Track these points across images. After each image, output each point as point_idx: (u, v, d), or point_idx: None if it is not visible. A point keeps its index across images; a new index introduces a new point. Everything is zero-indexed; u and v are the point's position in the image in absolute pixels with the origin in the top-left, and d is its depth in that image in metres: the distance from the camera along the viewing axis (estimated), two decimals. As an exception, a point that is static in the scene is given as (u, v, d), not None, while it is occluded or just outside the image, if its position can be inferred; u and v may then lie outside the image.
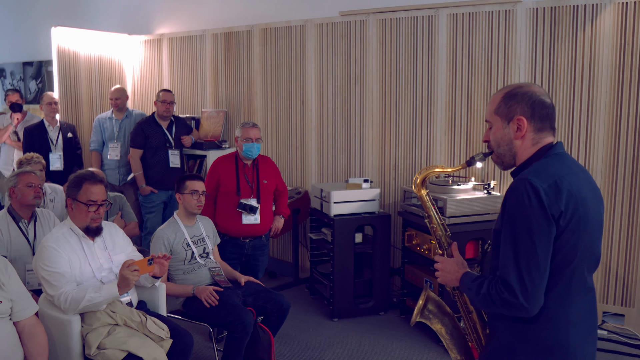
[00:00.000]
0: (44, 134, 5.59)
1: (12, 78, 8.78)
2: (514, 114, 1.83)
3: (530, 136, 1.83)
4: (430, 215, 2.13)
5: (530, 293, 1.66)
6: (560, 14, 4.26)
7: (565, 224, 1.68)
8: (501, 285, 1.70)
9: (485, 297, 1.74)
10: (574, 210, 1.69)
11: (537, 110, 1.82)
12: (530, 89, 1.84)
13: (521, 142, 1.85)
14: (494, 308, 1.74)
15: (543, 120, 1.82)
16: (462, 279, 1.89)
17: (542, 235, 1.67)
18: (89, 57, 6.33)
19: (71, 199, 2.99)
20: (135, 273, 2.79)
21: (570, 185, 1.71)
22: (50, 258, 2.83)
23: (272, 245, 5.85)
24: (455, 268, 1.95)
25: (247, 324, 3.31)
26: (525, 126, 1.82)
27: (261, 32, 5.71)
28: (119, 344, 2.75)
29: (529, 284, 1.66)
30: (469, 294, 1.84)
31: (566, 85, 4.29)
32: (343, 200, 4.55)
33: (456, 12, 4.65)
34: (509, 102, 1.84)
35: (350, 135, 5.27)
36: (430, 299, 2.15)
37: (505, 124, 1.86)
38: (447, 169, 2.14)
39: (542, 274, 1.67)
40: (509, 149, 1.87)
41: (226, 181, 4.11)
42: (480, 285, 1.77)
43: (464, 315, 2.07)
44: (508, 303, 1.69)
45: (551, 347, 1.74)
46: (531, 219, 1.67)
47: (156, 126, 5.41)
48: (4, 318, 2.51)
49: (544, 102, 1.83)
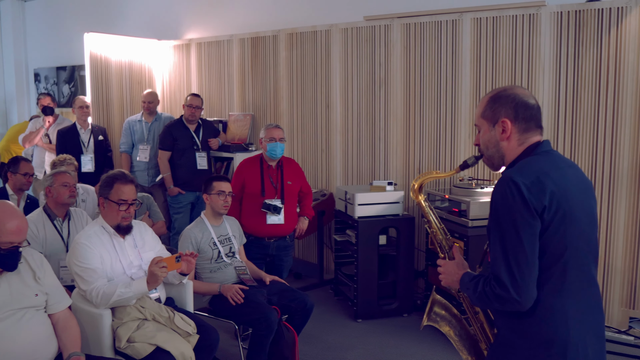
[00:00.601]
0: (76, 137, 5.76)
1: (47, 82, 9.03)
2: (499, 116, 1.90)
3: (516, 137, 1.89)
4: (430, 221, 2.21)
5: (521, 286, 1.71)
6: (585, 17, 4.26)
7: (550, 219, 1.73)
8: (494, 281, 1.76)
9: (482, 294, 1.79)
10: (559, 204, 1.74)
11: (521, 112, 1.88)
12: (514, 91, 1.90)
13: (507, 143, 1.91)
14: (491, 305, 1.80)
15: (527, 121, 1.88)
16: (462, 280, 1.95)
17: (527, 229, 1.72)
18: (119, 61, 6.49)
19: (103, 198, 3.10)
20: (163, 270, 2.88)
21: (554, 181, 1.76)
22: (83, 254, 2.94)
23: (297, 247, 5.93)
24: (455, 270, 2.00)
25: (272, 321, 3.38)
26: (509, 128, 1.89)
27: (287, 37, 5.80)
28: (148, 338, 2.85)
29: (518, 277, 1.71)
30: (468, 293, 1.89)
31: (591, 90, 4.28)
32: (367, 203, 4.61)
33: (480, 16, 4.67)
34: (494, 105, 1.91)
35: (374, 138, 5.33)
36: (437, 302, 2.20)
37: (491, 126, 1.93)
38: (441, 174, 2.20)
39: (530, 267, 1.72)
40: (496, 150, 1.94)
41: (251, 182, 4.20)
42: (477, 283, 1.83)
43: (470, 316, 2.12)
44: (501, 298, 1.74)
45: (550, 340, 1.77)
46: (515, 215, 1.73)
47: (184, 129, 5.53)
48: (40, 310, 2.62)
49: (527, 103, 1.88)
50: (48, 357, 2.58)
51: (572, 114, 4.36)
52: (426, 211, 2.21)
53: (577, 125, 4.35)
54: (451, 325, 2.18)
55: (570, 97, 4.36)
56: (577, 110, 4.34)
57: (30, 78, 9.37)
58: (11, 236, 2.44)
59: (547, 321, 1.78)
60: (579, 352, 1.78)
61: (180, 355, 2.82)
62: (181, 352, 2.84)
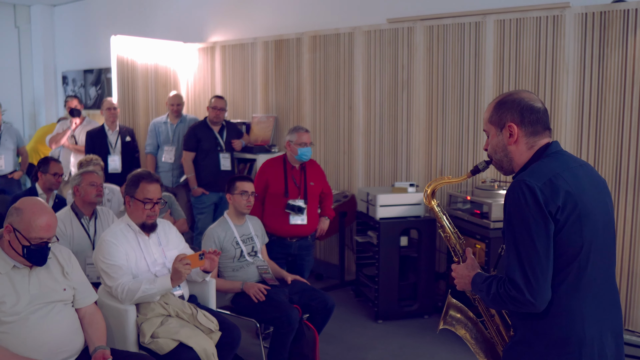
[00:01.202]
0: (103, 138, 5.87)
1: (74, 85, 9.21)
2: (505, 121, 1.92)
3: (524, 141, 1.91)
4: (443, 225, 2.23)
5: (535, 289, 1.73)
6: (610, 18, 4.22)
7: (564, 219, 1.74)
8: (508, 284, 1.77)
9: (496, 296, 1.81)
10: (572, 204, 1.75)
11: (527, 116, 1.89)
12: (519, 96, 1.92)
13: (515, 147, 1.92)
14: (505, 306, 1.82)
15: (534, 124, 1.89)
16: (474, 281, 1.96)
17: (541, 232, 1.73)
18: (145, 64, 6.60)
19: (129, 196, 3.17)
20: (187, 267, 2.94)
21: (567, 181, 1.77)
22: (109, 251, 3.01)
23: (319, 248, 5.96)
24: (467, 272, 2.02)
25: (293, 320, 3.41)
26: (516, 132, 1.90)
27: (310, 39, 5.85)
28: (171, 334, 2.90)
29: (533, 280, 1.73)
30: (481, 294, 1.90)
31: (616, 92, 4.24)
32: (389, 204, 4.62)
33: (503, 17, 4.66)
34: (500, 111, 1.93)
35: (396, 140, 5.34)
36: (452, 306, 2.21)
37: (499, 131, 1.95)
38: (453, 180, 2.22)
39: (544, 269, 1.74)
40: (504, 154, 1.95)
41: (274, 183, 4.25)
42: (490, 285, 1.84)
43: (486, 318, 2.13)
44: (516, 300, 1.76)
45: (565, 339, 1.78)
46: (529, 218, 1.74)
47: (208, 130, 5.61)
48: (68, 305, 2.69)
49: (533, 106, 1.90)
50: (75, 349, 2.65)
51: (596, 116, 4.32)
52: (439, 216, 2.24)
53: (602, 128, 4.31)
54: (467, 329, 2.19)
55: (595, 99, 4.32)
56: (601, 113, 4.30)
57: (58, 81, 9.57)
58: (41, 232, 2.51)
59: (563, 320, 1.79)
60: (594, 350, 1.79)
61: (203, 352, 2.87)
62: (204, 348, 2.89)
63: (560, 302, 1.78)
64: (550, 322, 1.80)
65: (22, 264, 2.55)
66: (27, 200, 2.60)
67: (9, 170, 6.31)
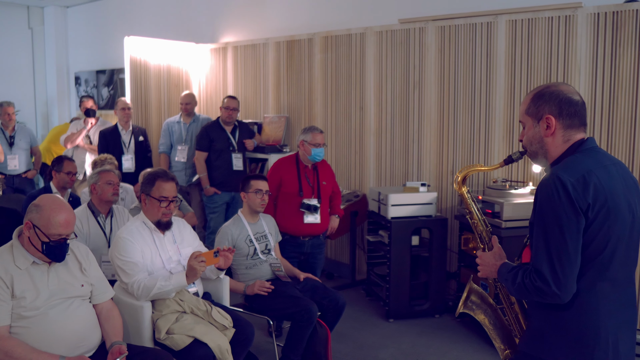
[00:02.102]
0: (117, 137, 5.92)
1: (87, 85, 9.29)
2: (543, 113, 1.93)
3: (560, 133, 1.92)
4: (472, 212, 2.26)
5: (562, 281, 1.76)
6: (623, 18, 4.22)
7: (594, 216, 1.77)
8: (534, 275, 1.80)
9: (521, 286, 1.84)
10: (603, 202, 1.77)
11: (565, 108, 1.90)
12: (558, 88, 1.93)
13: (552, 139, 1.93)
14: (529, 296, 1.84)
15: (571, 117, 1.91)
16: (500, 270, 1.99)
17: (571, 227, 1.76)
18: (158, 64, 6.66)
19: (145, 194, 3.21)
20: (202, 264, 2.98)
21: (599, 178, 1.79)
22: (125, 248, 3.05)
23: (330, 247, 5.99)
24: (493, 261, 2.04)
25: (313, 313, 3.45)
26: (554, 124, 1.91)
27: (322, 40, 5.88)
28: (186, 330, 2.94)
29: (560, 272, 1.76)
30: (506, 284, 1.93)
31: (628, 91, 4.24)
32: (400, 203, 4.64)
33: (515, 18, 4.66)
34: (538, 102, 1.94)
35: (408, 140, 5.36)
36: (473, 291, 2.25)
37: (536, 123, 1.96)
38: (485, 168, 2.25)
39: (572, 263, 1.77)
40: (540, 146, 1.97)
41: (288, 182, 4.29)
42: (516, 275, 1.87)
43: (506, 306, 2.15)
44: (541, 291, 1.78)
45: (581, 335, 1.81)
46: (560, 212, 1.76)
47: (220, 130, 5.65)
48: (85, 300, 2.74)
49: (572, 99, 1.90)
50: (93, 344, 2.69)
51: (608, 116, 4.32)
52: (468, 202, 2.26)
53: (614, 128, 4.31)
54: (486, 314, 2.22)
55: (606, 99, 4.32)
56: (613, 112, 4.30)
57: (71, 81, 9.66)
58: (60, 229, 2.55)
59: (580, 314, 1.81)
60: (609, 346, 1.81)
61: (217, 348, 2.91)
62: (218, 344, 2.92)
63: (579, 296, 1.81)
64: (568, 315, 1.83)
65: (41, 260, 2.59)
66: (46, 197, 2.65)
67: (23, 169, 6.40)
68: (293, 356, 3.54)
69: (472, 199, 2.27)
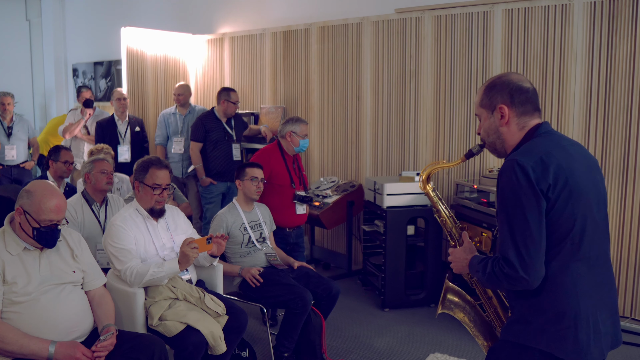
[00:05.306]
0: (113, 128, 5.93)
1: (84, 77, 9.28)
2: (496, 103, 1.95)
3: (515, 121, 1.94)
4: (439, 210, 2.28)
5: (529, 265, 1.76)
6: (619, 7, 4.20)
7: (555, 197, 1.77)
8: (502, 262, 1.80)
9: (491, 275, 1.84)
10: (564, 182, 1.78)
11: (517, 96, 1.93)
12: (508, 78, 1.95)
13: (507, 128, 1.96)
14: (500, 285, 1.84)
15: (524, 104, 1.93)
16: (471, 263, 1.99)
17: (533, 209, 1.76)
18: (155, 55, 6.65)
19: (138, 182, 3.21)
20: (194, 250, 2.98)
21: (558, 159, 1.80)
22: (119, 235, 3.06)
23: (326, 237, 5.99)
24: (464, 255, 2.04)
25: (307, 301, 3.46)
26: (507, 113, 1.94)
27: (319, 30, 5.86)
28: (179, 317, 2.94)
29: (526, 257, 1.76)
30: (477, 275, 1.93)
31: (624, 81, 4.23)
32: (396, 193, 4.64)
33: (512, 7, 4.65)
34: (490, 93, 1.97)
35: (404, 130, 5.35)
36: (450, 290, 2.23)
37: (490, 114, 1.98)
38: (448, 164, 2.26)
39: (537, 246, 1.77)
40: (497, 136, 1.99)
41: (279, 174, 4.28)
42: (485, 265, 1.87)
43: (484, 301, 2.15)
44: (510, 277, 1.78)
45: (561, 314, 1.80)
46: (521, 196, 1.77)
47: (216, 121, 5.63)
48: (77, 286, 2.74)
49: (522, 87, 1.93)
50: (84, 330, 2.69)
51: (604, 106, 4.31)
52: (435, 201, 2.28)
53: (610, 117, 4.30)
54: (465, 312, 2.21)
55: (602, 88, 4.31)
56: (609, 102, 4.29)
57: (69, 73, 9.64)
58: (51, 214, 2.55)
59: (557, 296, 1.81)
60: (589, 324, 1.81)
61: (210, 335, 2.91)
62: (211, 331, 2.92)
63: (554, 278, 1.80)
64: (545, 298, 1.82)
65: (32, 246, 2.60)
66: (37, 183, 2.65)
67: (21, 160, 6.41)
68: (287, 344, 3.54)
69: (438, 197, 2.27)
